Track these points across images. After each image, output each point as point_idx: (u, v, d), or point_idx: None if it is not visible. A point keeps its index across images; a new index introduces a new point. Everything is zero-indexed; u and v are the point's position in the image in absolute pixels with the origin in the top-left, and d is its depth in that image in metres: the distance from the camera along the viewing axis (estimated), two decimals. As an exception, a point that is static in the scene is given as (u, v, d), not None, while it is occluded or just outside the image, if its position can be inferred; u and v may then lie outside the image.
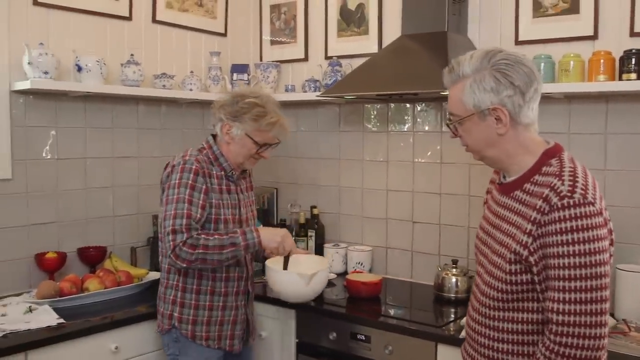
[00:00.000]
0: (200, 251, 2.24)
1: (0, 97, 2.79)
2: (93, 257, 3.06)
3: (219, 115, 2.44)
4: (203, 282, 2.43)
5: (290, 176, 3.78)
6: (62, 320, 2.45)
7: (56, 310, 2.54)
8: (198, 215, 2.30)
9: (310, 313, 2.80)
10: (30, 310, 2.51)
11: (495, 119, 1.65)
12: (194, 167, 2.34)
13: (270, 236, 2.38)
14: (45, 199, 2.97)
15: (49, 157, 2.98)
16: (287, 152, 3.75)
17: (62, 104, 3.02)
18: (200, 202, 2.32)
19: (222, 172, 2.46)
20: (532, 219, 1.58)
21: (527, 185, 1.67)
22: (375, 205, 3.42)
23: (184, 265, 2.27)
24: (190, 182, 2.32)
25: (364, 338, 2.62)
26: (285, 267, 2.51)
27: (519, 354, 1.67)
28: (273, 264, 2.55)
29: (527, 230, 1.59)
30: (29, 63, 2.73)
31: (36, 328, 2.37)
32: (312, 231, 3.49)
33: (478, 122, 1.68)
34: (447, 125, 1.78)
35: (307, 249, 3.48)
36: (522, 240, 1.60)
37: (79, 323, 2.48)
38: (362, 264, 3.31)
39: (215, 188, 2.41)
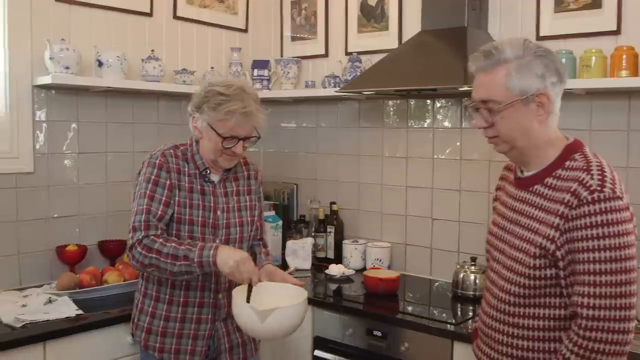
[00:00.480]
0: (154, 256, 2.07)
1: (22, 91, 2.83)
2: (113, 250, 3.09)
3: (188, 109, 2.25)
4: (162, 289, 2.24)
5: (310, 172, 3.78)
6: (80, 312, 2.49)
7: (75, 301, 2.57)
8: (159, 212, 2.14)
9: (327, 309, 2.79)
10: (50, 301, 2.54)
11: (537, 105, 1.63)
12: (157, 161, 2.20)
13: (225, 258, 2.05)
14: (66, 192, 3.01)
15: (70, 151, 3.02)
16: (307, 148, 3.77)
17: (84, 99, 3.05)
18: (164, 198, 2.16)
19: (196, 171, 2.25)
20: (559, 212, 1.57)
21: (550, 180, 1.65)
22: (395, 202, 3.40)
23: (138, 266, 2.13)
24: (153, 177, 2.18)
25: (380, 334, 2.61)
26: (248, 299, 2.06)
27: (539, 350, 1.66)
28: (237, 293, 2.10)
29: (554, 224, 1.57)
30: (50, 58, 2.77)
31: (55, 319, 2.41)
32: (331, 227, 3.49)
33: (520, 108, 1.63)
34: (489, 110, 1.67)
35: (327, 244, 3.48)
36: (549, 235, 1.58)
37: (97, 315, 2.51)
38: (380, 260, 3.30)
39: (184, 186, 2.21)
